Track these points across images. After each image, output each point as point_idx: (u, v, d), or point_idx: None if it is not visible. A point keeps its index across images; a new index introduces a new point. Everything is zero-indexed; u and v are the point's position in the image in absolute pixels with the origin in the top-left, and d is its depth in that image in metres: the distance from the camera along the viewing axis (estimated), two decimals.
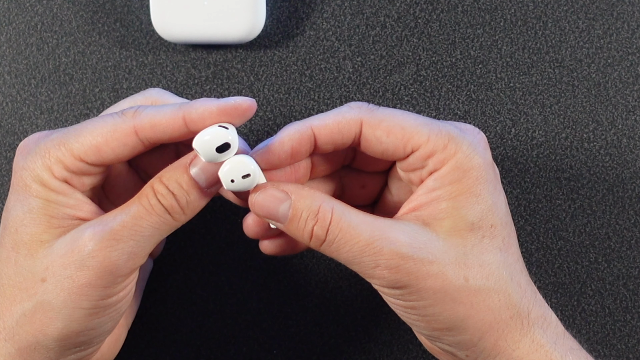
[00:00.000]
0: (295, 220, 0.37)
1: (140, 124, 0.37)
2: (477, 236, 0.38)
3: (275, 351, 0.49)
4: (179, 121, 0.37)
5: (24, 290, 0.37)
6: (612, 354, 0.49)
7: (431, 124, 0.38)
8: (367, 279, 0.38)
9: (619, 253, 0.49)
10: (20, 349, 0.37)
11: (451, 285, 0.37)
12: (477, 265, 0.37)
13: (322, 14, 0.48)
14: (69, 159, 0.37)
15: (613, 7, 0.49)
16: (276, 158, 0.38)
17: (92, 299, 0.36)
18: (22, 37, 0.48)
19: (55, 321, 0.36)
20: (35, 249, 0.37)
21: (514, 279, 0.38)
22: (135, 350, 0.49)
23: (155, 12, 0.46)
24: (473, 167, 0.38)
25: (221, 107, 0.37)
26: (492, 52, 0.49)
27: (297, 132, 0.38)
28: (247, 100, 0.37)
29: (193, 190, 0.37)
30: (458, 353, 0.39)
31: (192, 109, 0.37)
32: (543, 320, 0.39)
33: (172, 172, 0.37)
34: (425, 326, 0.38)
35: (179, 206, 0.37)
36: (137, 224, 0.37)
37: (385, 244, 0.36)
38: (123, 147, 0.38)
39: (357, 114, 0.38)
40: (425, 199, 0.38)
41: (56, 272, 0.36)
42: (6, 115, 0.48)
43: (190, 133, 0.38)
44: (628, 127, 0.49)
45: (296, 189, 0.38)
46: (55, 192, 0.37)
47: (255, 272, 0.49)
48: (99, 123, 0.38)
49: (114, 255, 0.36)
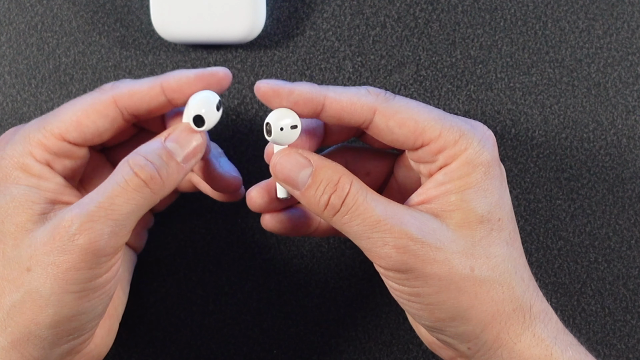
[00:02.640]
0: (314, 188, 0.38)
1: (118, 93, 0.39)
2: (486, 229, 0.38)
3: (275, 351, 0.49)
4: (156, 89, 0.39)
5: (12, 281, 0.37)
6: (612, 354, 0.49)
7: (444, 119, 0.38)
8: (372, 259, 0.38)
9: (619, 253, 0.49)
10: (14, 341, 0.37)
11: (457, 274, 0.37)
12: (484, 257, 0.38)
13: (322, 14, 0.48)
14: (50, 140, 0.38)
15: (613, 7, 0.49)
16: (276, 100, 0.38)
17: (79, 282, 0.36)
18: (22, 37, 0.48)
19: (45, 309, 0.36)
20: (21, 239, 0.37)
21: (518, 273, 0.39)
22: (135, 350, 0.49)
23: (155, 12, 0.46)
24: (482, 163, 0.38)
25: (198, 75, 0.39)
26: (492, 52, 0.49)
27: (309, 92, 0.38)
28: (223, 69, 0.39)
29: (171, 162, 0.38)
30: (459, 346, 0.39)
31: (170, 77, 0.39)
32: (544, 315, 0.39)
33: (149, 145, 0.38)
34: (428, 316, 0.38)
35: (159, 176, 0.37)
36: (113, 202, 0.36)
37: (395, 223, 0.37)
38: (103, 118, 0.38)
39: (373, 101, 0.38)
40: (435, 193, 0.38)
41: (40, 260, 0.36)
42: (6, 115, 0.48)
43: (167, 103, 0.39)
44: (628, 127, 0.49)
45: (319, 158, 0.38)
46: (36, 176, 0.38)
47: (255, 272, 0.49)
48: (78, 101, 0.39)
49: (94, 237, 0.36)
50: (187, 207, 0.48)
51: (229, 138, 0.48)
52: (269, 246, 0.49)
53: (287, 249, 0.49)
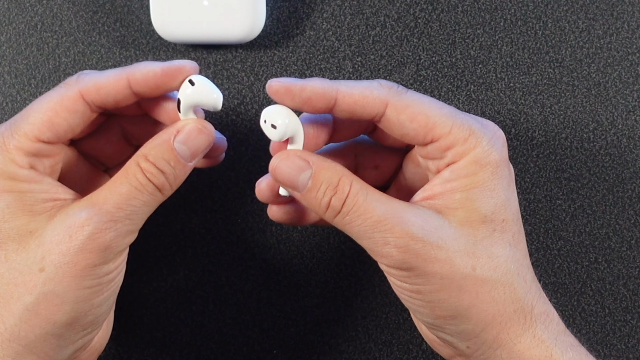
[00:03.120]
0: (314, 190, 0.38)
1: (85, 87, 0.38)
2: (489, 229, 0.38)
3: (275, 351, 0.49)
4: (122, 82, 0.38)
5: (21, 284, 0.37)
6: (612, 354, 0.49)
7: (455, 116, 0.38)
8: (375, 257, 0.38)
9: (619, 253, 0.49)
10: (29, 344, 0.37)
11: (458, 273, 0.37)
12: (486, 257, 0.38)
13: (322, 14, 0.48)
14: (26, 144, 0.38)
15: (613, 7, 0.49)
16: (289, 99, 0.38)
17: (94, 277, 0.37)
18: (22, 37, 0.48)
19: (62, 307, 0.37)
20: (26, 241, 0.37)
21: (521, 274, 0.39)
22: (135, 350, 0.49)
23: (155, 12, 0.46)
24: (490, 163, 0.38)
25: (165, 69, 0.38)
26: (492, 52, 0.49)
27: (322, 88, 0.38)
28: (190, 63, 0.39)
29: (179, 166, 0.38)
30: (459, 344, 0.39)
31: (136, 70, 0.38)
32: (545, 317, 0.39)
33: (157, 150, 0.38)
34: (429, 313, 0.38)
35: (168, 183, 0.38)
36: (130, 204, 0.37)
37: (396, 223, 0.37)
38: (74, 114, 0.38)
39: (385, 95, 0.38)
40: (440, 189, 0.38)
41: (55, 260, 0.36)
42: (6, 115, 0.48)
43: (133, 96, 0.39)
44: (628, 127, 0.49)
45: (318, 159, 0.38)
46: (26, 182, 0.38)
47: (255, 272, 0.49)
48: (44, 99, 0.38)
49: (112, 236, 0.37)
50: (187, 207, 0.48)
51: (228, 138, 0.48)
52: (269, 246, 0.49)
53: (287, 249, 0.49)
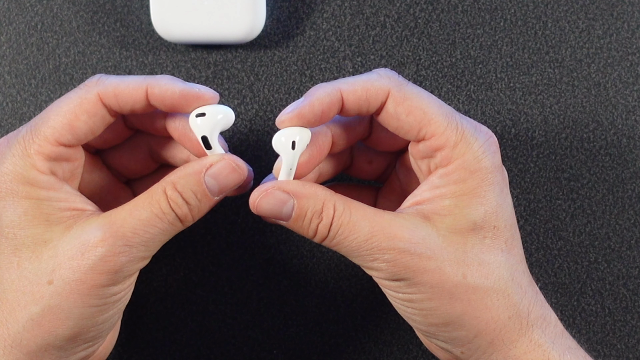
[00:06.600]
0: (300, 219, 0.38)
1: (104, 90, 0.38)
2: (479, 236, 0.38)
3: (275, 351, 0.49)
4: (141, 92, 0.38)
5: (29, 294, 0.36)
6: (612, 354, 0.49)
7: (451, 117, 0.38)
8: (367, 271, 0.38)
9: (619, 253, 0.49)
10: (30, 352, 0.37)
11: (449, 281, 0.37)
12: (476, 264, 0.38)
13: (322, 14, 0.48)
14: (47, 148, 0.37)
15: (613, 7, 0.49)
16: (306, 121, 0.38)
17: (101, 297, 0.37)
18: (22, 37, 0.48)
19: (65, 322, 0.36)
20: (40, 251, 0.37)
21: (515, 280, 0.38)
22: (135, 350, 0.49)
23: (155, 12, 0.46)
24: (480, 169, 0.38)
25: (184, 92, 0.38)
26: (492, 52, 0.49)
27: (327, 95, 0.38)
28: (210, 92, 0.38)
29: (205, 199, 0.38)
30: (453, 350, 0.39)
31: (156, 85, 0.38)
32: (542, 321, 0.39)
33: (186, 180, 0.38)
34: (422, 321, 0.38)
35: (190, 214, 0.38)
36: (148, 231, 0.37)
37: (383, 240, 0.37)
38: (94, 117, 0.38)
39: (387, 84, 0.38)
40: (429, 195, 0.38)
41: (64, 275, 0.36)
42: (6, 115, 0.48)
43: (150, 107, 0.38)
44: (628, 127, 0.49)
45: (298, 187, 0.38)
46: (45, 189, 0.37)
47: (255, 272, 0.49)
48: (64, 102, 0.38)
49: (125, 260, 0.36)
50: None
51: (228, 138, 0.48)
52: (269, 246, 0.49)
53: (287, 249, 0.49)
